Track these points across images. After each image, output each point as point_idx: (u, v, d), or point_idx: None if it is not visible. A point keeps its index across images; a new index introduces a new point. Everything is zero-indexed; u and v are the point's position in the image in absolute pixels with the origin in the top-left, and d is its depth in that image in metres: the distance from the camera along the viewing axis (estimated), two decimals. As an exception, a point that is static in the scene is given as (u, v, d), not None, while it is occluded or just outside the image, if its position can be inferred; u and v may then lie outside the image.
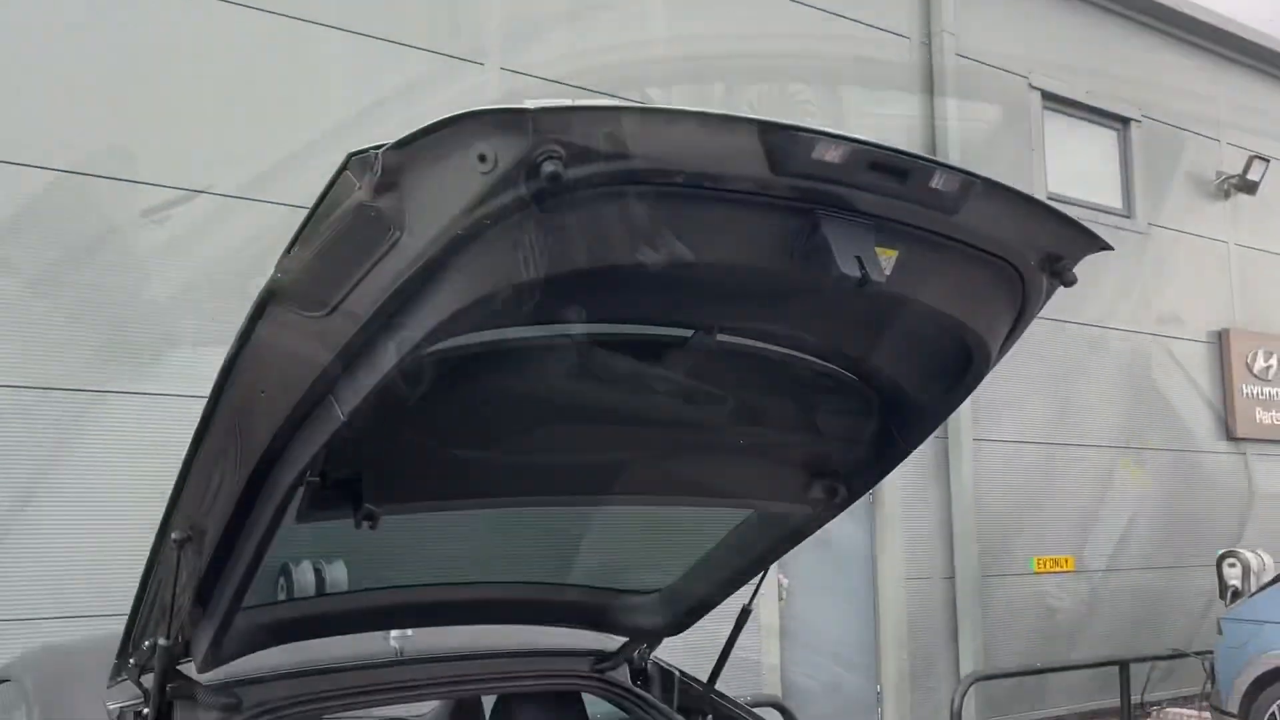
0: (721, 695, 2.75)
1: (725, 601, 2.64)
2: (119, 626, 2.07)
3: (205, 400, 1.59)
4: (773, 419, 2.10)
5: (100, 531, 5.47)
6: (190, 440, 1.65)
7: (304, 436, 1.51)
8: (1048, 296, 1.81)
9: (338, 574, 2.42)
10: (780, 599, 8.03)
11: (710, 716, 2.72)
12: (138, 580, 1.91)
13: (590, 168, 1.27)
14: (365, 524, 1.70)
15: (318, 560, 2.46)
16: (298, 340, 1.45)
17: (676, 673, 2.85)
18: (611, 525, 2.57)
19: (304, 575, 2.53)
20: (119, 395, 5.64)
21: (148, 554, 1.83)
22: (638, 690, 2.72)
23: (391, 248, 1.33)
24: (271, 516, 1.61)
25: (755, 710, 2.78)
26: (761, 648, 7.75)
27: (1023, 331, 1.88)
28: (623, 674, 2.77)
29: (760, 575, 2.56)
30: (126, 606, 2.00)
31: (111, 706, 2.07)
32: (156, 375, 5.71)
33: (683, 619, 2.67)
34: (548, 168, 1.21)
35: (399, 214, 1.31)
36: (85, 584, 5.41)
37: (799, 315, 1.77)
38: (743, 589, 2.58)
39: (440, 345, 1.58)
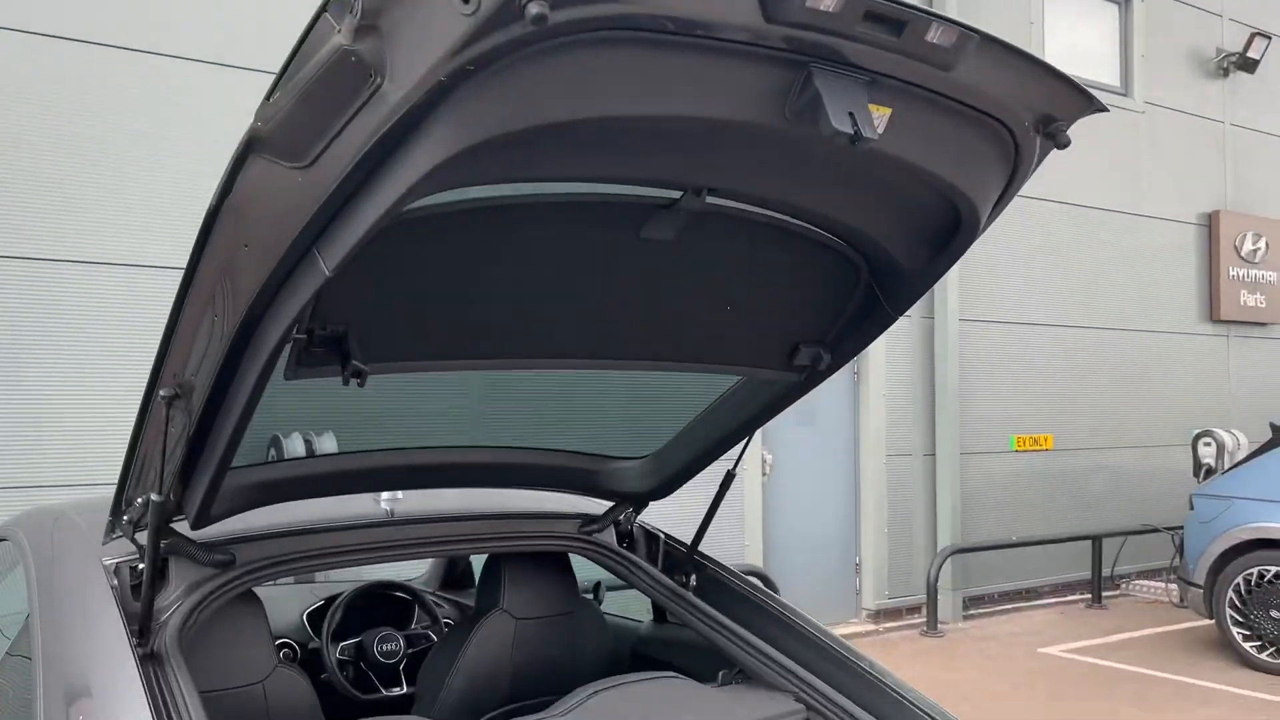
0: (704, 556, 2.83)
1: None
2: (111, 490, 2.10)
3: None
4: (758, 284, 2.10)
5: (102, 401, 5.51)
6: (174, 296, 1.64)
7: (289, 291, 1.50)
8: (1040, 159, 1.79)
9: (327, 444, 2.45)
10: (764, 474, 8.20)
11: (694, 576, 2.80)
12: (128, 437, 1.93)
13: (578, 10, 1.23)
14: (353, 381, 1.71)
15: (307, 431, 2.48)
16: (280, 192, 1.42)
17: (661, 535, 2.92)
18: (599, 391, 2.59)
19: (294, 445, 2.56)
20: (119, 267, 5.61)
21: (137, 411, 1.84)
22: (623, 551, 2.80)
23: (372, 95, 1.30)
24: (259, 373, 1.61)
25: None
26: (745, 521, 7.95)
27: (1013, 196, 1.87)
28: (609, 536, 2.83)
29: (745, 441, 2.59)
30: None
31: (107, 562, 2.11)
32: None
33: (668, 484, 2.72)
34: (533, 9, 1.17)
35: (380, 59, 1.27)
36: (84, 454, 5.47)
37: (788, 176, 1.74)
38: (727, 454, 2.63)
39: (425, 202, 1.56)
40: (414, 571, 4.37)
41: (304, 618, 3.61)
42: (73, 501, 2.64)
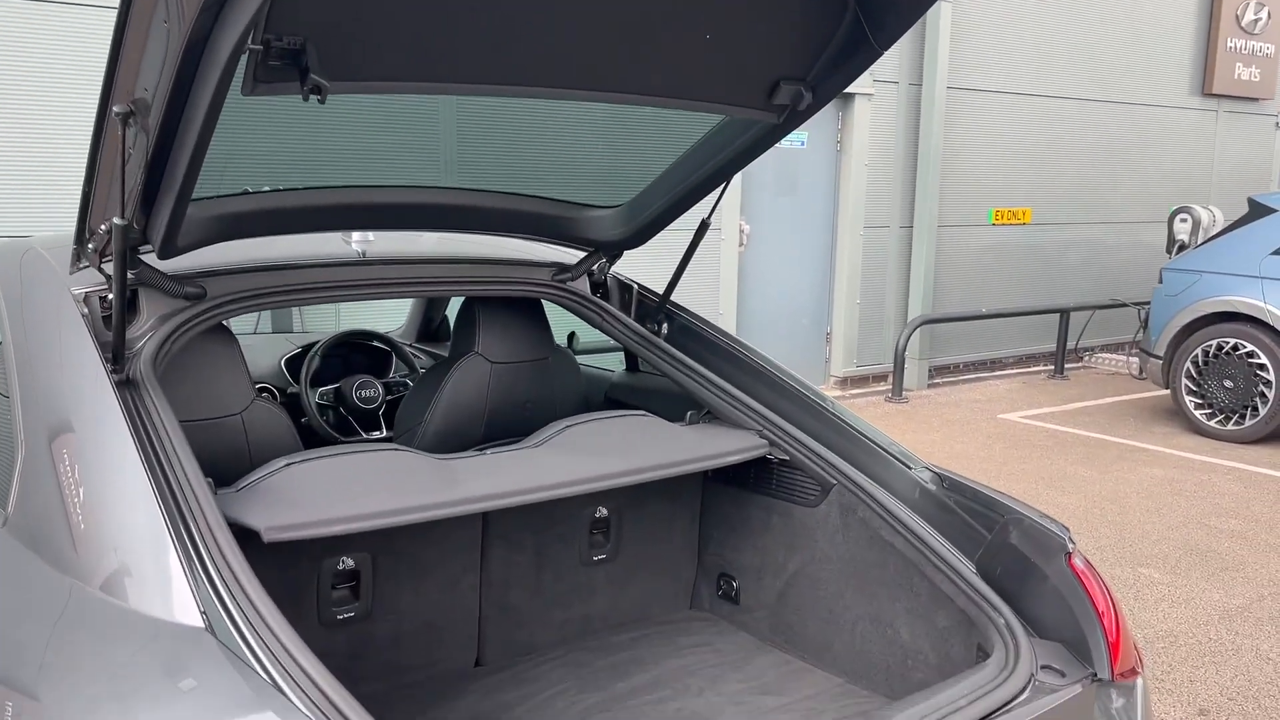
0: (676, 305, 2.86)
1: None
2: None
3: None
4: (740, 13, 2.00)
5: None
6: (119, 3, 1.54)
7: (241, -7, 1.41)
8: None
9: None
10: (741, 245, 8.20)
11: (665, 324, 2.84)
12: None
13: None
14: (313, 97, 1.64)
15: (277, 185, 2.42)
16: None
17: (635, 285, 2.93)
18: (574, 137, 2.53)
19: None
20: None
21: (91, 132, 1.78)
22: (596, 299, 2.81)
23: None
24: (215, 86, 1.54)
25: None
26: (720, 290, 8.02)
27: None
28: (583, 285, 2.85)
29: (720, 190, 2.56)
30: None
31: (76, 291, 2.10)
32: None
33: (641, 232, 2.70)
34: None
35: None
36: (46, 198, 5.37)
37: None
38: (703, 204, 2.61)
39: None
40: (392, 324, 4.41)
41: (282, 364, 3.67)
42: (43, 236, 2.60)
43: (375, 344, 3.80)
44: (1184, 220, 8.69)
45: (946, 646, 2.14)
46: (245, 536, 1.79)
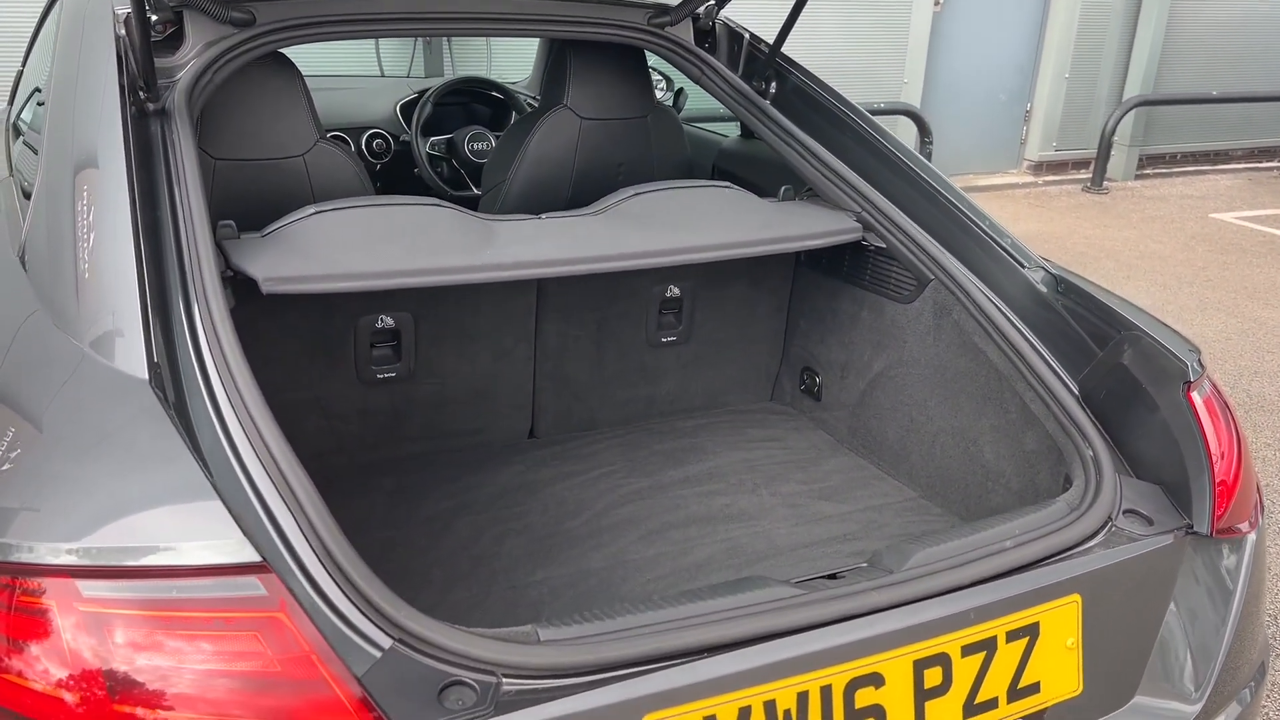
0: (789, 61, 2.49)
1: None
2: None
3: None
4: None
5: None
6: None
7: None
8: None
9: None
10: (936, 4, 7.36)
11: (773, 84, 2.50)
12: None
13: None
14: None
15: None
16: None
17: (746, 35, 2.58)
18: None
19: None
20: None
21: None
22: (696, 49, 2.49)
23: None
24: None
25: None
26: (907, 56, 7.30)
27: None
28: (686, 32, 2.52)
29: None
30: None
31: (120, 11, 1.98)
32: None
33: None
34: None
35: None
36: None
37: None
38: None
39: None
40: (516, 76, 4.18)
41: (397, 109, 3.54)
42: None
43: (494, 94, 3.60)
44: None
45: (1033, 472, 1.88)
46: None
